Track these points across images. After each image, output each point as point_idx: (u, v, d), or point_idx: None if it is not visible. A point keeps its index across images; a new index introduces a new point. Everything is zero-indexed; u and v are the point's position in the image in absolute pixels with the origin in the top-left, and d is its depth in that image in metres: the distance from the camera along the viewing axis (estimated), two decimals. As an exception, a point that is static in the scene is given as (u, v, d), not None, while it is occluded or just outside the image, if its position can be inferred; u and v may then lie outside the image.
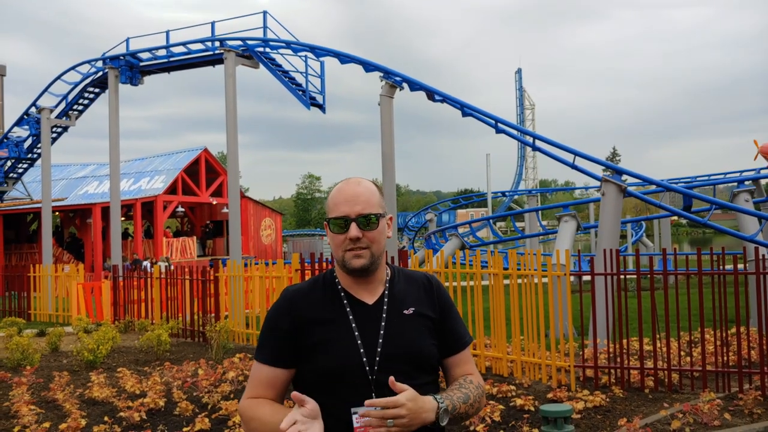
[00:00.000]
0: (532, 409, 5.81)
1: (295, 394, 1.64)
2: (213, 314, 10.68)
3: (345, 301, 1.77)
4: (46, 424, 5.44)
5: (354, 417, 1.64)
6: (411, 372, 1.73)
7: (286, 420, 1.57)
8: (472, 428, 5.20)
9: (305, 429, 1.56)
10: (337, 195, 1.79)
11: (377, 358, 1.71)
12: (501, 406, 5.76)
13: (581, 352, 7.01)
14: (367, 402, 1.59)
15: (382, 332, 1.73)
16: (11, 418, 5.94)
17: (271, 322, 1.80)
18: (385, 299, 1.79)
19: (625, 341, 6.74)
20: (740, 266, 6.54)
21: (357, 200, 1.76)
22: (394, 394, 1.62)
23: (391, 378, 1.61)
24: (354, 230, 1.73)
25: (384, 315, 1.76)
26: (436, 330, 1.82)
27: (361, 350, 1.71)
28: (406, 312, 1.78)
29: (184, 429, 5.24)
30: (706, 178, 23.38)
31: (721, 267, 6.74)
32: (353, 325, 1.73)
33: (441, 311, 1.86)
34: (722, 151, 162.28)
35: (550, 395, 6.23)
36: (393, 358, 1.71)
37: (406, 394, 1.59)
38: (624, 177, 10.69)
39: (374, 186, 1.83)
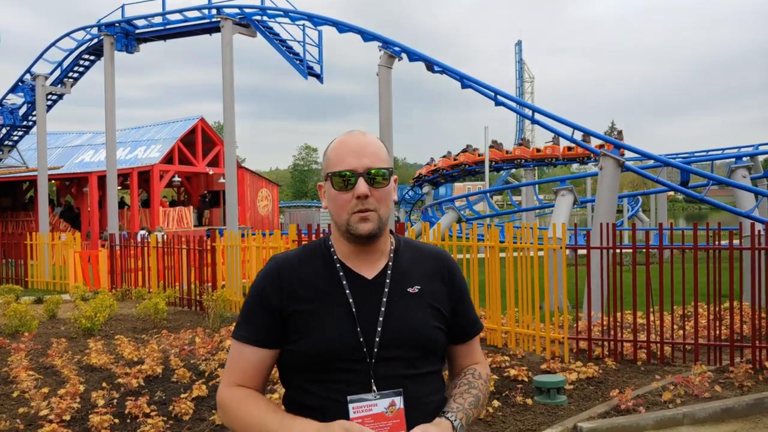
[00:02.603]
0: (526, 379, 5.88)
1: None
2: (210, 283, 10.73)
3: (341, 274, 1.54)
4: (45, 389, 5.49)
5: (350, 407, 1.43)
6: (414, 359, 1.52)
7: None
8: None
9: None
10: (340, 147, 1.54)
11: (377, 339, 1.49)
12: (495, 376, 5.83)
13: (575, 325, 7.08)
14: None
15: (383, 310, 1.51)
16: (10, 383, 6.00)
17: (258, 295, 1.56)
18: (388, 273, 1.56)
19: (618, 314, 6.81)
20: (736, 242, 6.57)
21: (365, 152, 1.51)
22: (395, 384, 1.47)
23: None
24: (363, 186, 1.48)
25: (386, 291, 1.53)
26: (446, 314, 1.59)
27: (358, 329, 1.49)
28: (410, 290, 1.55)
29: (182, 395, 5.30)
30: (704, 153, 23.39)
31: (716, 242, 6.78)
32: (350, 301, 1.51)
33: (452, 293, 1.61)
34: (721, 127, 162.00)
35: (543, 366, 6.30)
36: (394, 342, 1.50)
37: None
38: (622, 151, 10.68)
39: (380, 141, 1.60)
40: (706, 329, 6.89)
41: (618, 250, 7.02)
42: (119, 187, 22.68)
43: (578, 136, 11.97)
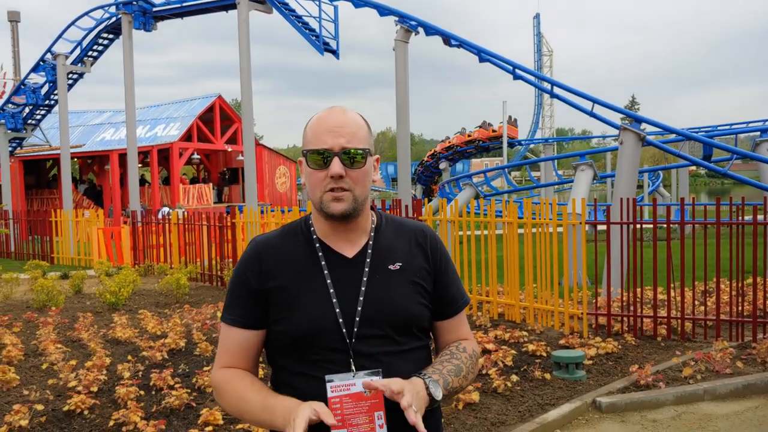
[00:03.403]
0: (544, 354, 5.90)
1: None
2: (230, 259, 10.85)
3: (320, 254, 1.54)
4: (73, 362, 5.64)
5: (328, 386, 1.40)
6: (395, 336, 1.52)
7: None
8: (484, 371, 5.31)
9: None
10: (318, 124, 1.51)
11: (357, 319, 1.49)
12: (513, 351, 5.86)
13: (594, 301, 7.06)
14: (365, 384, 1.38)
15: (363, 289, 1.52)
16: (39, 356, 6.17)
17: (239, 279, 1.57)
18: (369, 251, 1.56)
19: (638, 290, 6.77)
20: (760, 217, 6.47)
21: (342, 131, 1.49)
22: (376, 361, 1.46)
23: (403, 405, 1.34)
24: (337, 166, 1.46)
25: (366, 270, 1.53)
26: (429, 289, 1.60)
27: (337, 310, 1.49)
28: (392, 267, 1.55)
29: (205, 368, 5.41)
30: (728, 127, 22.95)
31: (740, 217, 6.69)
32: (328, 281, 1.51)
33: (435, 268, 1.61)
34: (746, 100, 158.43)
35: (562, 341, 6.31)
36: (374, 320, 1.50)
37: (396, 383, 1.38)
38: (643, 125, 10.50)
39: (362, 118, 1.56)
40: (728, 305, 6.83)
41: (638, 226, 6.96)
42: (140, 165, 22.91)
43: (598, 110, 11.79)
